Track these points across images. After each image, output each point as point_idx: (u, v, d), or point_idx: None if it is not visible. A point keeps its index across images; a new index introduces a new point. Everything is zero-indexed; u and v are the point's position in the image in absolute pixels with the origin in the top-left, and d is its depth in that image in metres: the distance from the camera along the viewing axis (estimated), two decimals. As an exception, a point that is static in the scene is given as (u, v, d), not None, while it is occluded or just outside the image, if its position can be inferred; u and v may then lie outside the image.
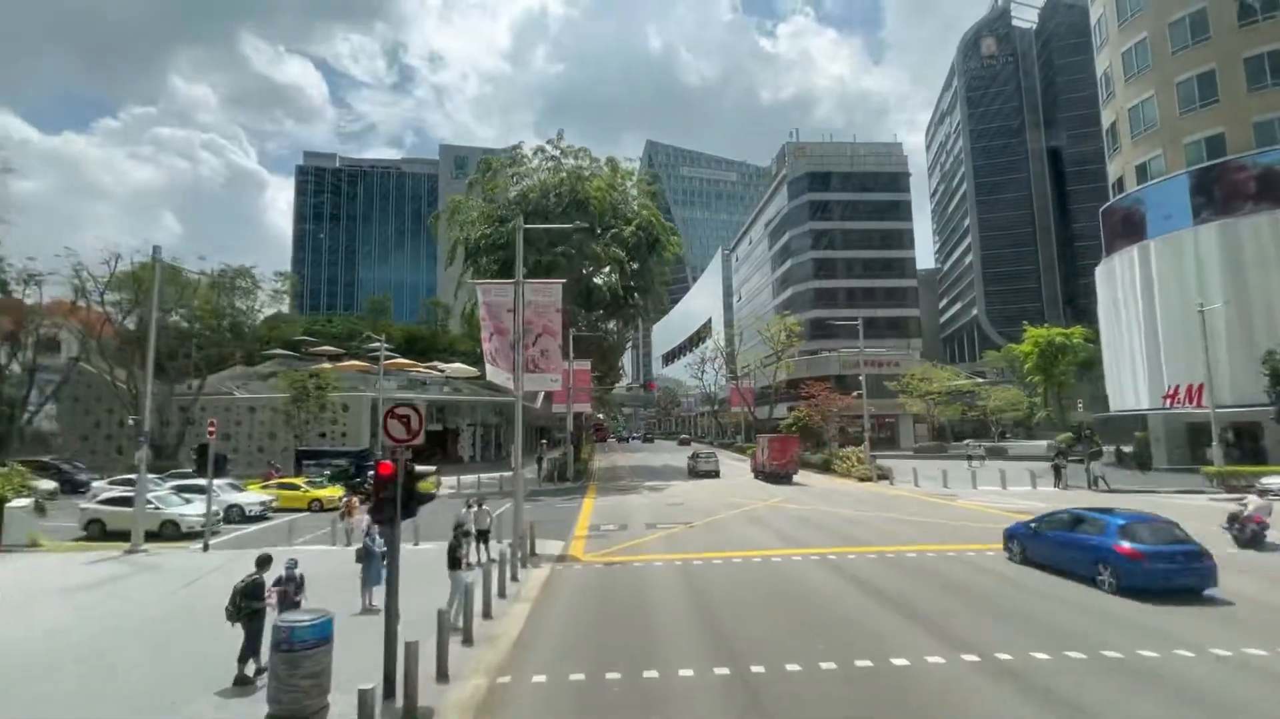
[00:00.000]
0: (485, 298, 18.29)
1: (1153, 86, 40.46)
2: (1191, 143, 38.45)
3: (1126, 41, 42.24)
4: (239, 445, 41.12)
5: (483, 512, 15.98)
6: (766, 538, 18.18)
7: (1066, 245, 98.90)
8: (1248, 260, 34.70)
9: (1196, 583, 11.32)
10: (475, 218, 40.47)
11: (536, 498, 30.89)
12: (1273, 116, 35.59)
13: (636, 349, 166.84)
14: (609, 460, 60.72)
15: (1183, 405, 36.42)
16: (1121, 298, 41.45)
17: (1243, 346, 33.68)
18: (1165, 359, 37.69)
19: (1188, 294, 36.71)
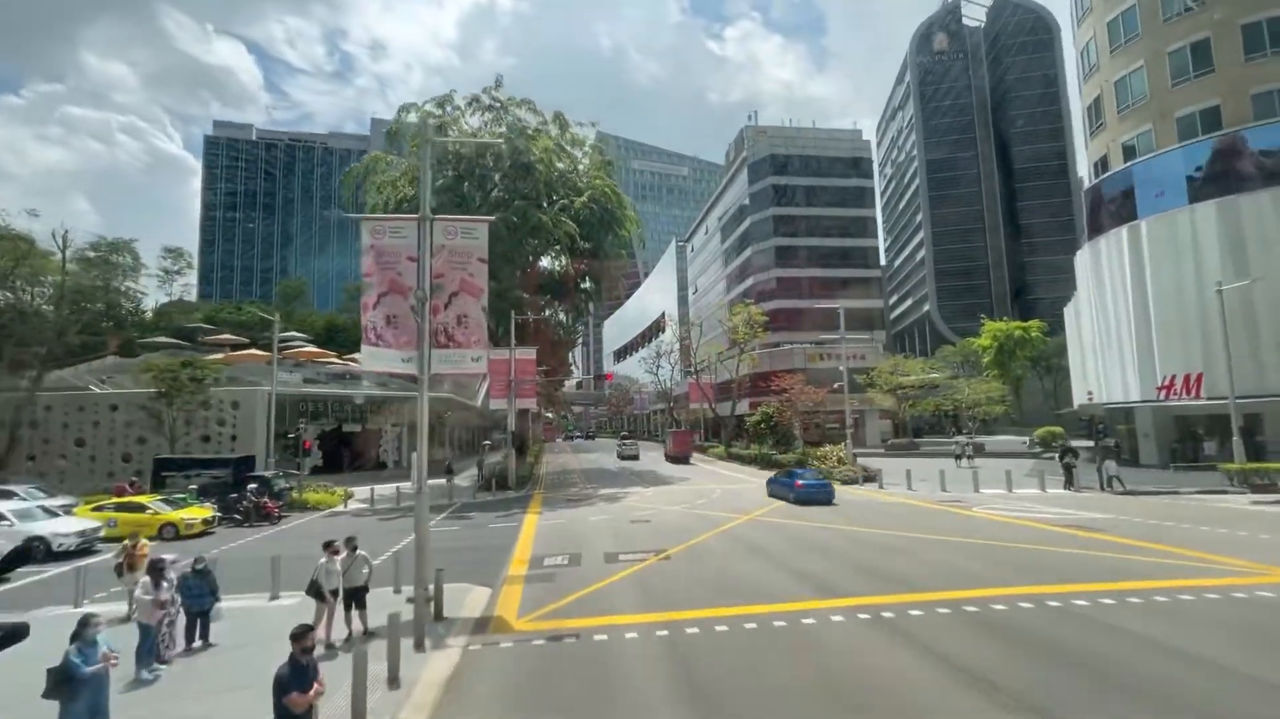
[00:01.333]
0: (374, 240, 12.54)
1: (1142, 57, 37.95)
2: (1184, 116, 36.03)
3: (1112, 10, 39.69)
4: (96, 452, 33.38)
5: (355, 559, 10.35)
6: (779, 578, 13.17)
7: (1015, 242, 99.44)
8: (1249, 240, 32.27)
9: (826, 499, 24.25)
10: (397, 177, 34.06)
11: (466, 514, 25.08)
12: (1272, 88, 33.38)
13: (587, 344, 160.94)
14: (558, 463, 55.05)
15: (1179, 397, 33.86)
16: (1108, 284, 38.84)
17: (1245, 332, 31.17)
18: (1158, 347, 35.12)
19: (1184, 277, 34.19)
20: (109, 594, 13.22)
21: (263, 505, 24.00)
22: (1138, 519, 19.38)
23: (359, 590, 10.35)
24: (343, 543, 10.47)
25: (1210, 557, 13.89)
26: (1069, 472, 28.06)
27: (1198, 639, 8.77)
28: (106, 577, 12.91)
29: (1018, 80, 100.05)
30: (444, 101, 34.01)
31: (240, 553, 18.19)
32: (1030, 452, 46.01)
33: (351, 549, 10.45)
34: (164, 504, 21.73)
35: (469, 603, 12.02)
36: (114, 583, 12.13)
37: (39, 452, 33.10)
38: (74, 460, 33.24)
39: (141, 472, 33.12)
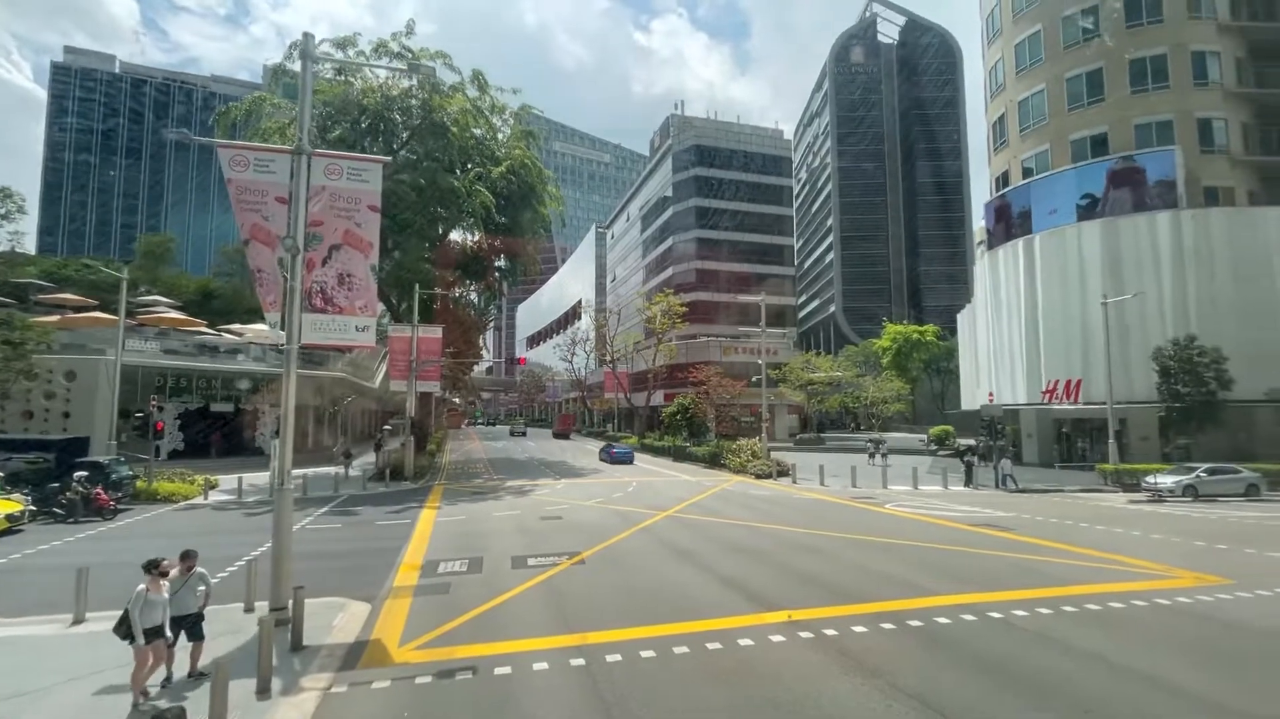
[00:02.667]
0: (234, 173, 9.96)
1: (1043, 80, 40.40)
2: (1078, 140, 38.70)
3: (1020, 33, 41.98)
4: (-124, 429, 27.05)
5: (188, 578, 7.96)
6: (707, 586, 11.94)
7: (914, 250, 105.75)
8: (1125, 259, 35.13)
9: (629, 460, 38.71)
10: (286, 124, 29.84)
11: (352, 509, 22.26)
12: (1152, 119, 36.41)
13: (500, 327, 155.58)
14: (464, 452, 51.96)
15: (1061, 401, 36.47)
16: (1004, 293, 41.30)
17: (1119, 344, 33.87)
18: (1045, 354, 37.68)
19: (1069, 290, 36.78)
20: None
21: (94, 497, 19.99)
22: (1039, 518, 20.03)
23: (191, 619, 7.97)
24: (174, 563, 7.97)
25: (1119, 558, 14.17)
26: (969, 470, 29.24)
27: (1144, 656, 8.40)
28: None
29: (923, 98, 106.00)
30: (345, 44, 30.10)
31: (50, 558, 14.72)
32: (927, 449, 48.39)
33: (189, 568, 8.01)
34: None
35: (340, 625, 9.86)
36: None
37: None
38: None
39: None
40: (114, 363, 27.22)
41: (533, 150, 38.17)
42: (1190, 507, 23.36)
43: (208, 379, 36.25)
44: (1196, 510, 22.33)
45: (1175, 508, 23.07)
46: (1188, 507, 23.37)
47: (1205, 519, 20.18)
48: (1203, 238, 33.74)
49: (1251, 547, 15.56)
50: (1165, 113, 36.23)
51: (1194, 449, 30.66)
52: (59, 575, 12.05)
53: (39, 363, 27.06)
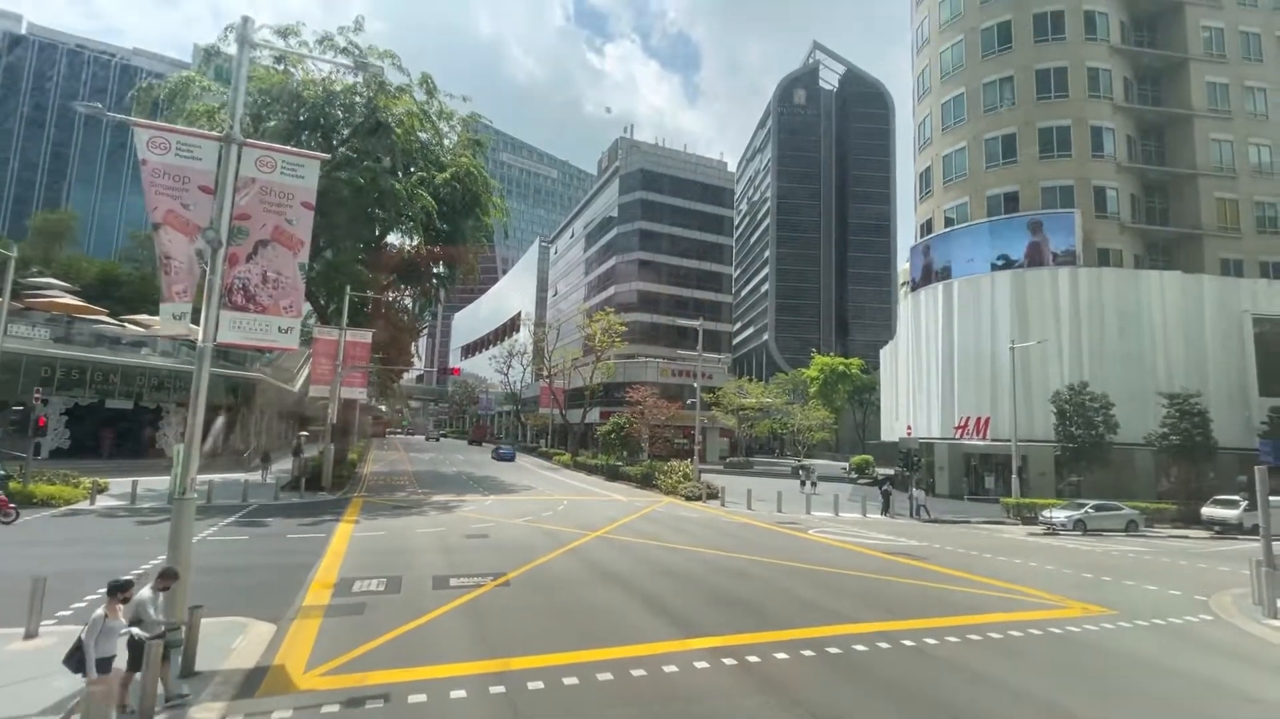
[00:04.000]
0: (153, 155, 9.29)
1: (965, 139, 43.70)
2: (993, 196, 41.95)
3: (947, 94, 45.34)
4: None
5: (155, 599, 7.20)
6: (633, 610, 11.87)
7: (843, 286, 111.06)
8: (1031, 308, 38.15)
9: (511, 458, 53.62)
10: (216, 108, 28.16)
11: (262, 519, 20.85)
12: (1056, 183, 39.99)
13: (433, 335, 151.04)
14: (388, 463, 49.77)
15: (970, 437, 38.90)
16: (924, 332, 43.88)
17: (1023, 386, 36.57)
18: (958, 392, 40.18)
19: (981, 333, 39.50)
20: None
21: None
22: (949, 547, 21.17)
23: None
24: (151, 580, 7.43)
25: (1019, 588, 15.15)
26: (887, 499, 30.61)
27: (1039, 682, 8.97)
28: None
29: (857, 144, 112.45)
30: (288, 32, 28.84)
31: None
32: (848, 477, 50.31)
33: (162, 586, 7.54)
34: None
35: (241, 647, 9.15)
36: None
37: None
38: None
39: None
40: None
41: (479, 159, 37.65)
42: (1080, 540, 25.33)
43: (104, 373, 33.25)
44: (1085, 544, 24.22)
45: (1067, 541, 24.95)
46: (1077, 540, 25.33)
47: (1092, 552, 21.91)
48: (1095, 294, 37.17)
49: (1131, 579, 17.00)
50: (1068, 178, 39.93)
51: (1084, 486, 33.34)
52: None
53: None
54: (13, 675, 7.94)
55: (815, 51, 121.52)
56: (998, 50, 42.72)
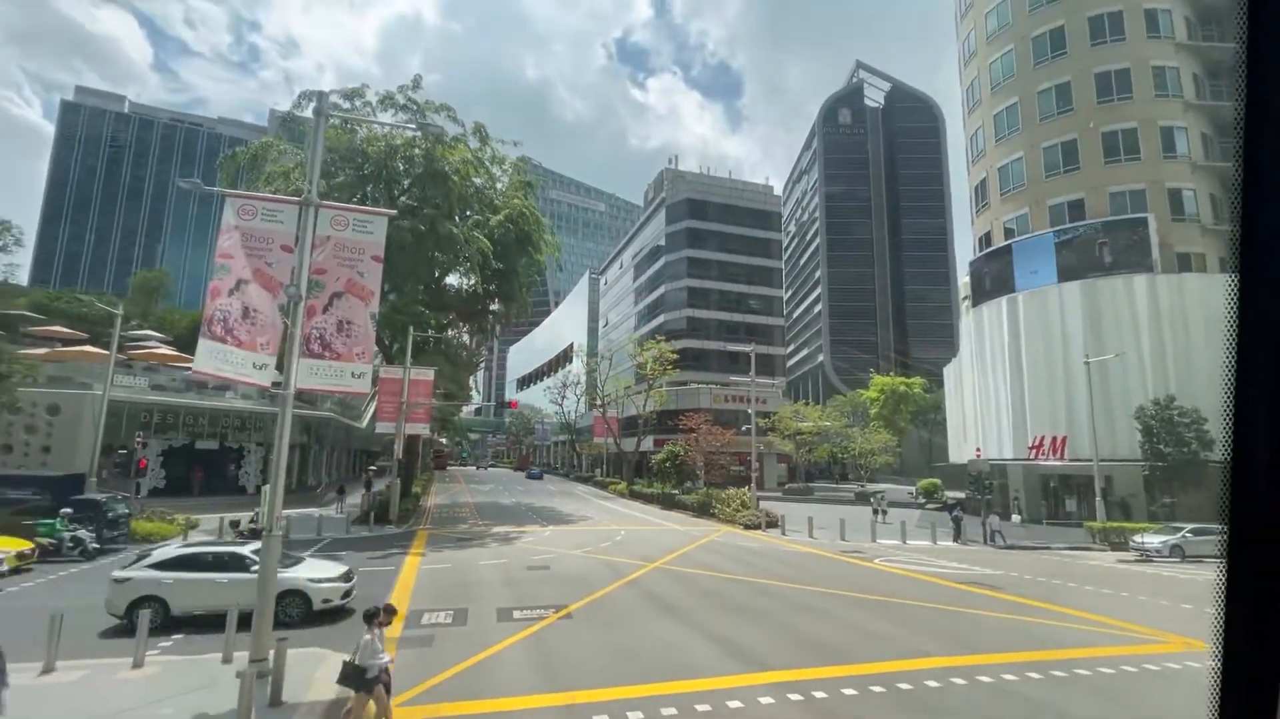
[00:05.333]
0: (241, 221, 10.25)
1: (1021, 149, 42.32)
2: (1055, 205, 40.29)
3: (998, 105, 44.19)
4: None
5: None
6: (695, 643, 11.77)
7: (900, 303, 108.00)
8: (1105, 319, 36.12)
9: (539, 477, 70.21)
10: (291, 169, 30.56)
11: (335, 553, 21.75)
12: (1125, 189, 38.08)
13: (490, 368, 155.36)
14: (449, 495, 51.13)
15: (1046, 457, 36.77)
16: (988, 349, 42.12)
17: (1101, 401, 34.45)
18: (1030, 410, 38.19)
19: (1052, 347, 37.61)
20: None
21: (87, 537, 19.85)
22: (1027, 576, 19.98)
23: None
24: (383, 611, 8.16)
25: (1108, 620, 14.15)
26: (957, 525, 29.18)
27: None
28: None
29: (907, 159, 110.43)
30: (354, 95, 31.21)
31: (45, 600, 14.29)
32: (915, 502, 48.27)
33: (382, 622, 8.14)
34: None
35: (321, 678, 9.61)
36: None
37: None
38: None
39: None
40: (100, 398, 26.94)
41: (530, 199, 39.16)
42: (1177, 567, 23.39)
43: (194, 416, 35.87)
44: (1183, 571, 22.35)
45: (1163, 568, 23.09)
46: (1175, 567, 23.40)
47: (1192, 581, 20.21)
48: (1176, 301, 34.86)
49: (1238, 611, 15.58)
50: (1138, 182, 37.95)
51: (1178, 508, 30.85)
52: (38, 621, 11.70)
53: (23, 396, 26.74)
54: (126, 703, 8.61)
55: (859, 71, 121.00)
56: (1051, 57, 41.48)
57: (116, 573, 12.72)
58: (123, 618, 12.04)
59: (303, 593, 13.02)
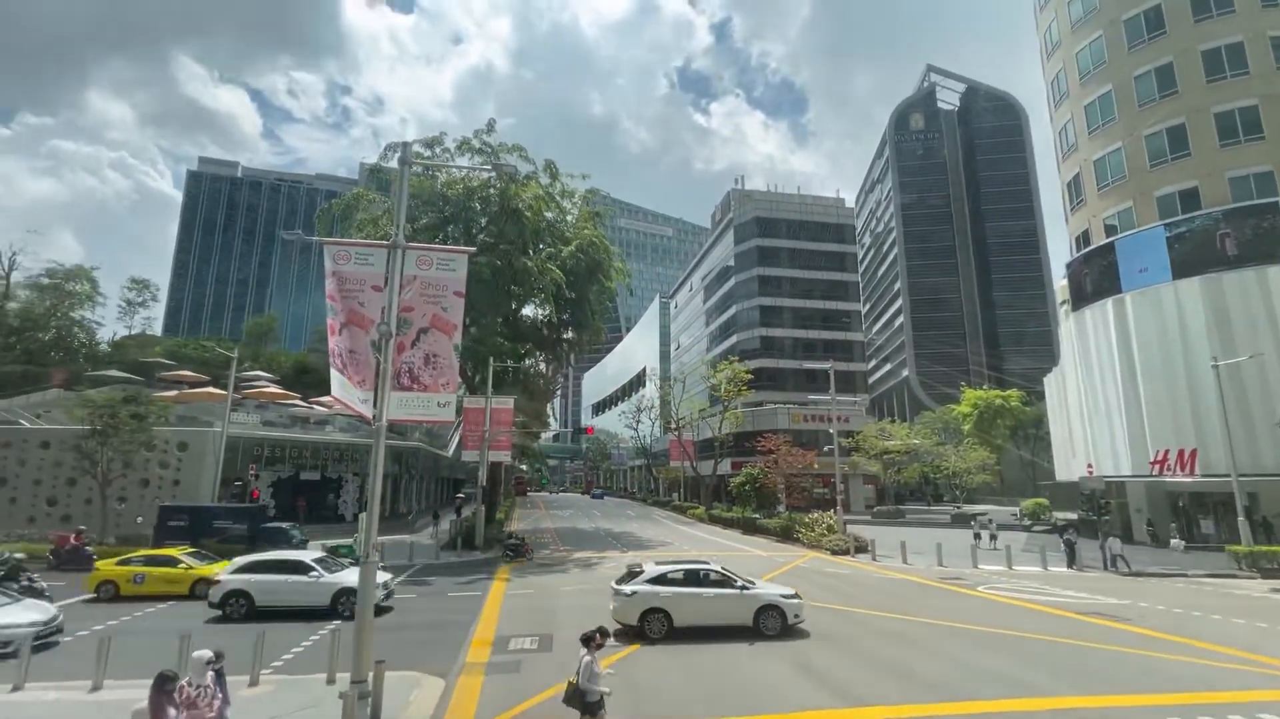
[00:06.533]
0: (336, 267, 11.08)
1: (1120, 139, 39.19)
2: (1164, 196, 36.87)
3: (1089, 95, 41.29)
4: (18, 493, 30.21)
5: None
6: (784, 675, 11.29)
7: (989, 312, 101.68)
8: (1235, 317, 32.43)
9: (601, 496, 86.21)
10: (379, 215, 32.89)
11: (425, 578, 22.67)
12: (1249, 171, 34.40)
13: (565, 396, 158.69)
14: (531, 521, 52.18)
15: (1173, 473, 33.09)
16: (1094, 356, 38.72)
17: (1238, 410, 30.76)
18: (1149, 422, 34.62)
19: (1171, 352, 34.08)
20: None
21: None
22: (1159, 607, 17.89)
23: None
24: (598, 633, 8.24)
25: (1262, 659, 12.39)
26: (1071, 549, 26.66)
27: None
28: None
29: (989, 160, 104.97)
30: (433, 143, 33.40)
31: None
32: (1020, 524, 44.69)
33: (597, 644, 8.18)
34: (195, 558, 19.38)
35: (416, 702, 9.93)
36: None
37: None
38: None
39: (70, 517, 30.08)
40: (220, 434, 29.60)
41: (599, 229, 40.14)
42: (1348, 599, 20.25)
43: (299, 449, 38.65)
44: (1357, 603, 19.32)
45: (1329, 600, 20.06)
46: (1345, 598, 20.27)
47: (1370, 615, 17.40)
48: (1324, 293, 30.85)
49: None
50: (1263, 164, 34.17)
51: (1344, 530, 26.85)
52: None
53: (158, 434, 29.80)
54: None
55: (930, 74, 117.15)
56: (1148, 38, 38.44)
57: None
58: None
59: (350, 589, 15.41)
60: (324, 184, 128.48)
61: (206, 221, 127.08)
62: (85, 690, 10.28)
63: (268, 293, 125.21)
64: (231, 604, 15.71)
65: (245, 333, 67.98)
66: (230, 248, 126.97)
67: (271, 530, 23.96)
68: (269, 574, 16.22)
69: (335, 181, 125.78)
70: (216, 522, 24.12)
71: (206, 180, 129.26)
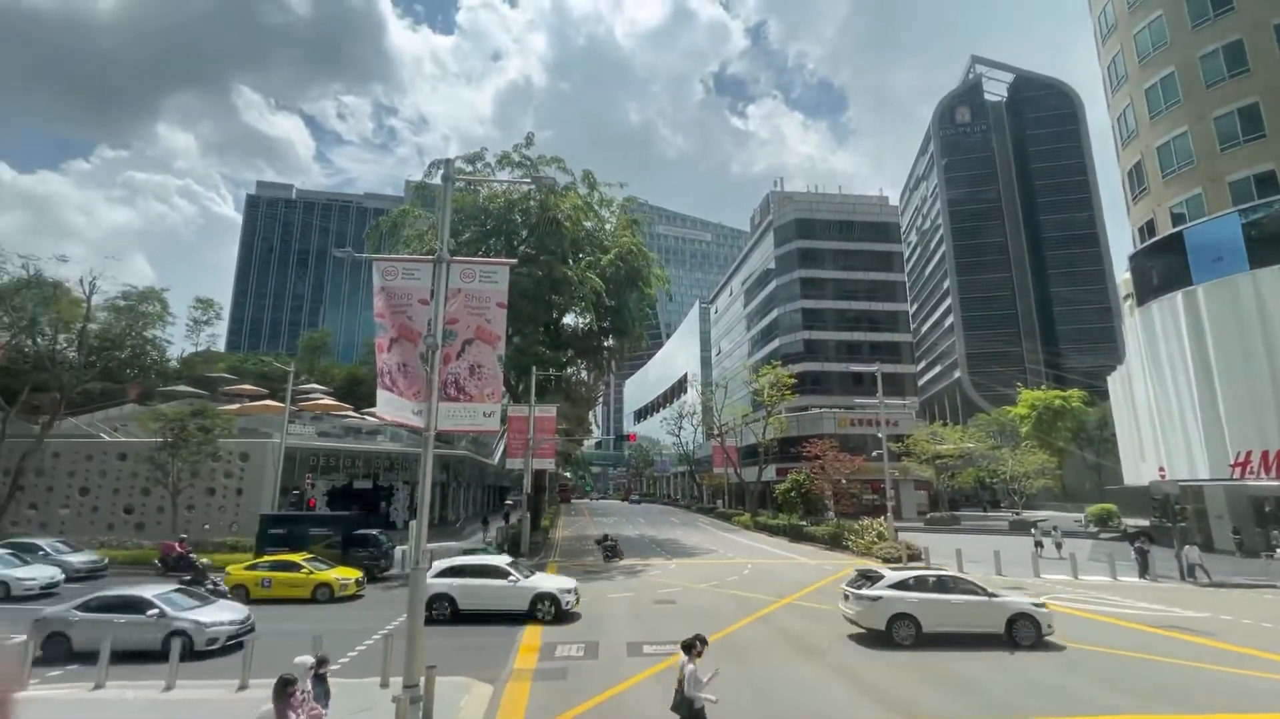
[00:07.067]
0: (385, 282, 11.43)
1: (1185, 122, 37.06)
2: (1237, 180, 34.65)
3: (1150, 77, 39.22)
4: (99, 502, 32.21)
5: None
6: (837, 688, 11.00)
7: (1046, 309, 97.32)
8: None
9: (639, 502, 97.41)
10: (425, 230, 33.88)
11: (474, 585, 22.96)
12: (1331, 152, 32.02)
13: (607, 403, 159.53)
14: (575, 528, 52.51)
15: (1257, 477, 30.85)
16: (1164, 352, 36.53)
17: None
18: (1227, 422, 32.40)
19: (1252, 346, 31.85)
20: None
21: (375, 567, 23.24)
22: (1246, 620, 16.66)
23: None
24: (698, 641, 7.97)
25: (1368, 679, 11.38)
26: (1143, 557, 25.13)
27: None
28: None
29: (1042, 150, 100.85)
30: (475, 158, 34.24)
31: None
32: (1086, 531, 42.47)
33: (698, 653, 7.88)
34: (316, 563, 20.50)
35: (466, 706, 10.06)
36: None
37: (41, 500, 32.08)
38: (75, 510, 32.10)
39: (144, 524, 31.89)
40: (279, 445, 30.91)
41: (638, 236, 40.30)
42: None
43: (352, 458, 39.98)
44: None
45: None
46: None
47: None
48: None
49: None
50: (1348, 142, 31.76)
51: None
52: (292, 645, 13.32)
53: (222, 446, 31.33)
54: None
55: (974, 65, 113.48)
56: (1213, 15, 36.30)
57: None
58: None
59: (553, 595, 16.48)
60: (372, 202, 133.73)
61: (264, 242, 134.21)
62: (232, 689, 10.76)
63: (321, 308, 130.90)
64: (436, 608, 16.11)
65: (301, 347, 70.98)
66: (286, 266, 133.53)
67: (362, 537, 24.94)
68: (470, 579, 16.85)
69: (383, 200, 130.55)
70: (313, 529, 25.25)
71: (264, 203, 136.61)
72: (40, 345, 32.81)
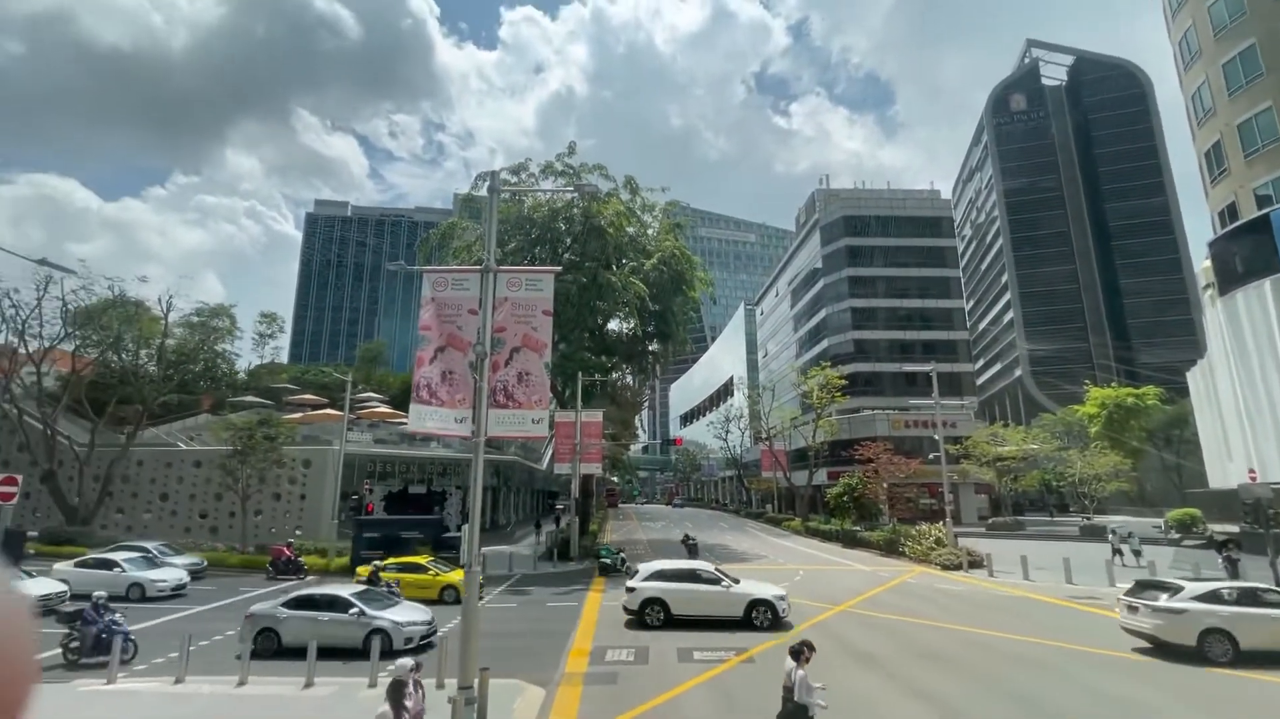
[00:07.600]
0: (435, 293, 11.75)
1: (1269, 97, 34.45)
2: (1330, 157, 31.99)
3: (1227, 51, 36.66)
4: (177, 506, 34.23)
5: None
6: (895, 699, 10.63)
7: (1113, 302, 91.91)
8: None
9: (682, 505, 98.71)
10: (473, 242, 34.72)
11: (524, 588, 23.35)
12: None
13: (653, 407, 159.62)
14: (624, 532, 52.63)
15: (1365, 478, 28.25)
16: (1252, 344, 33.95)
17: None
18: (1327, 418, 29.84)
19: (1352, 336, 29.30)
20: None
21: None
22: (1355, 637, 15.21)
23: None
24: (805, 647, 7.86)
25: None
26: (1233, 566, 23.30)
27: None
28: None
29: (1107, 135, 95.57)
30: (519, 169, 34.95)
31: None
32: (1166, 537, 39.83)
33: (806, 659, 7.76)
34: (439, 565, 21.44)
35: (519, 709, 10.18)
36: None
37: (127, 505, 34.34)
38: (156, 514, 34.22)
39: (217, 528, 33.72)
40: (338, 452, 32.15)
41: (681, 240, 40.22)
42: None
43: (406, 464, 41.23)
44: None
45: None
46: None
47: None
48: None
49: None
50: None
51: None
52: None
53: (286, 453, 32.84)
54: (362, 719, 9.79)
55: (1030, 50, 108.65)
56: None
57: None
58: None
59: (769, 602, 15.93)
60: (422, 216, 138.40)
61: (322, 258, 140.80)
62: (364, 687, 11.28)
63: (376, 320, 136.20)
64: (650, 612, 16.07)
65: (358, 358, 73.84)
66: (343, 280, 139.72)
67: (450, 540, 25.71)
68: (681, 583, 16.53)
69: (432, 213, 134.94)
70: (404, 533, 26.17)
71: (321, 221, 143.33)
72: (124, 360, 35.23)
